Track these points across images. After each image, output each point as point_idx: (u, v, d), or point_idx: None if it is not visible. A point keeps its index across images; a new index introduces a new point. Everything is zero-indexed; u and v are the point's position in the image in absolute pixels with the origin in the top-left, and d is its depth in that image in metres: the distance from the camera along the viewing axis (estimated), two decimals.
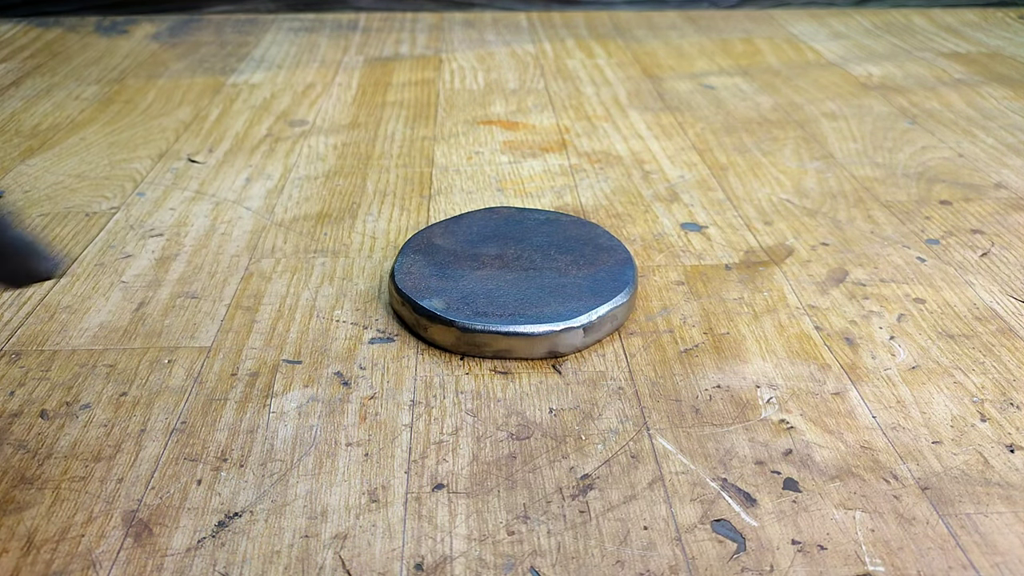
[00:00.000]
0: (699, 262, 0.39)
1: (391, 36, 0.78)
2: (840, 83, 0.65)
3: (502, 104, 0.60)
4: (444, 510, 0.25)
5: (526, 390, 0.31)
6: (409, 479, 0.27)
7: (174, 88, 0.63)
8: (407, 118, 0.57)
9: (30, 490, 0.26)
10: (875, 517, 0.25)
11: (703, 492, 0.26)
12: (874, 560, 0.24)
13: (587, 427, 0.29)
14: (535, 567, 0.23)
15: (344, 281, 0.38)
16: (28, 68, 0.67)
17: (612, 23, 0.83)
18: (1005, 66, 0.70)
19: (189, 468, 0.27)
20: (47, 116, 0.57)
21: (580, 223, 0.40)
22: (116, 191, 0.46)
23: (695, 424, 0.29)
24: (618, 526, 0.25)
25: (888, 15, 0.87)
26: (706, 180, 0.48)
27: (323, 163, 0.50)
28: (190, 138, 0.54)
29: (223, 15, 0.84)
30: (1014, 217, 0.44)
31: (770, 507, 0.25)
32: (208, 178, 0.48)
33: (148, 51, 0.72)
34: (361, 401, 0.30)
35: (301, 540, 0.24)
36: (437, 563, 0.24)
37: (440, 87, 0.64)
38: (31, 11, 0.81)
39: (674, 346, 0.33)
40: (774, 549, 0.24)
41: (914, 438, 0.28)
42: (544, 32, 0.80)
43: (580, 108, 0.60)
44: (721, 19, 0.84)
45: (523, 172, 0.49)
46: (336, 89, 0.63)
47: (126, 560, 0.23)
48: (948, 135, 0.55)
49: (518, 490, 0.26)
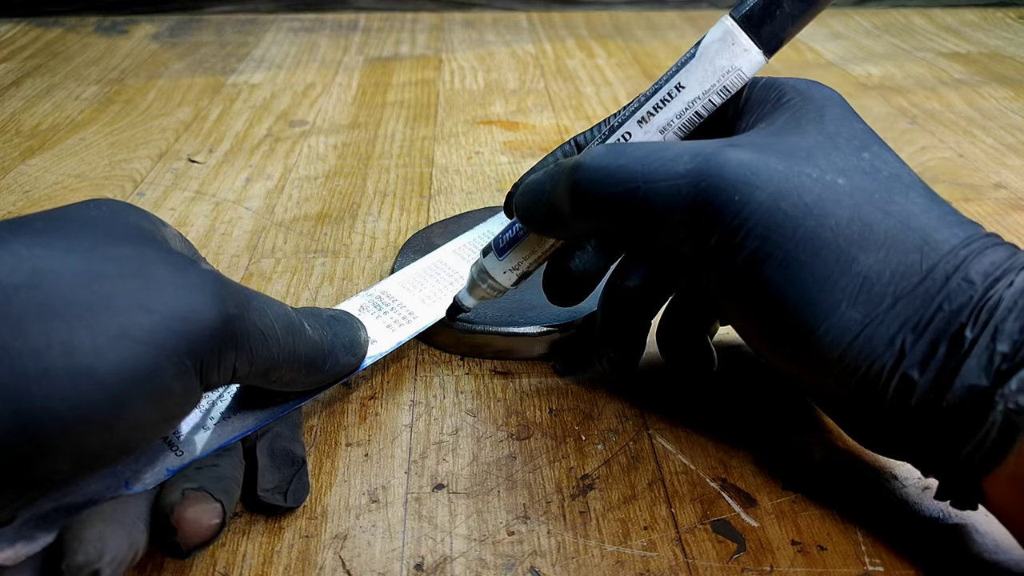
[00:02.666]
0: None
1: (391, 36, 0.78)
2: (839, 83, 0.65)
3: (502, 104, 0.60)
4: (444, 510, 0.25)
5: (526, 390, 0.31)
6: (409, 479, 0.27)
7: (174, 88, 0.63)
8: (407, 118, 0.57)
9: None
10: (875, 517, 0.25)
11: (703, 492, 0.26)
12: (874, 560, 0.24)
13: (587, 427, 0.29)
14: (535, 567, 0.23)
15: (344, 281, 0.38)
16: (28, 68, 0.67)
17: (612, 23, 0.83)
18: (1005, 66, 0.70)
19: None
20: (47, 116, 0.57)
21: None
22: (116, 191, 0.46)
23: (695, 424, 0.29)
24: (618, 526, 0.25)
25: (888, 15, 0.87)
26: None
27: (323, 163, 0.50)
28: (190, 138, 0.54)
29: (223, 15, 0.84)
30: (1013, 217, 0.44)
31: (770, 507, 0.25)
32: (208, 178, 0.48)
33: (148, 51, 0.72)
34: (361, 401, 0.30)
35: (301, 540, 0.24)
36: (437, 563, 0.24)
37: (440, 87, 0.64)
38: (31, 11, 0.81)
39: None
40: (774, 549, 0.24)
41: None
42: (544, 32, 0.80)
43: (580, 108, 0.60)
44: None
45: (523, 172, 0.49)
46: (336, 89, 0.63)
47: None
48: (948, 135, 0.55)
49: (518, 490, 0.26)
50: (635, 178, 0.23)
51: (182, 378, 0.19)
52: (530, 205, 0.26)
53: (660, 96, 0.25)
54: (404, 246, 0.37)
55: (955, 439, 0.20)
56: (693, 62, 0.25)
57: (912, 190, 0.22)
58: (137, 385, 0.18)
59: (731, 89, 0.25)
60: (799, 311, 0.22)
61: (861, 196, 0.22)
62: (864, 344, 0.21)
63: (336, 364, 0.26)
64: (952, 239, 0.21)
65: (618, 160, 0.24)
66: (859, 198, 0.22)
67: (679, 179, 0.22)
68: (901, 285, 0.21)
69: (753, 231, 0.22)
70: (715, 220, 0.22)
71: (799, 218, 0.21)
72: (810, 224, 0.21)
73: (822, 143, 0.23)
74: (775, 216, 0.21)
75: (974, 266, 0.21)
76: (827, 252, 0.21)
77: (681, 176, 0.22)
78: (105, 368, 0.17)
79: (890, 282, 0.21)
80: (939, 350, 0.20)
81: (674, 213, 0.23)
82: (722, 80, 0.24)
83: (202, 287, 0.20)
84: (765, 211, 0.22)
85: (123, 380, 0.18)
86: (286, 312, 0.23)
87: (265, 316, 0.22)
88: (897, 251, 0.21)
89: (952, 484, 0.22)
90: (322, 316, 0.26)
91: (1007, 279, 0.21)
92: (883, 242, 0.21)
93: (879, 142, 0.24)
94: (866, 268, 0.21)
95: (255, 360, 0.22)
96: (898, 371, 0.21)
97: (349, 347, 0.27)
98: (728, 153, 0.22)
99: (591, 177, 0.24)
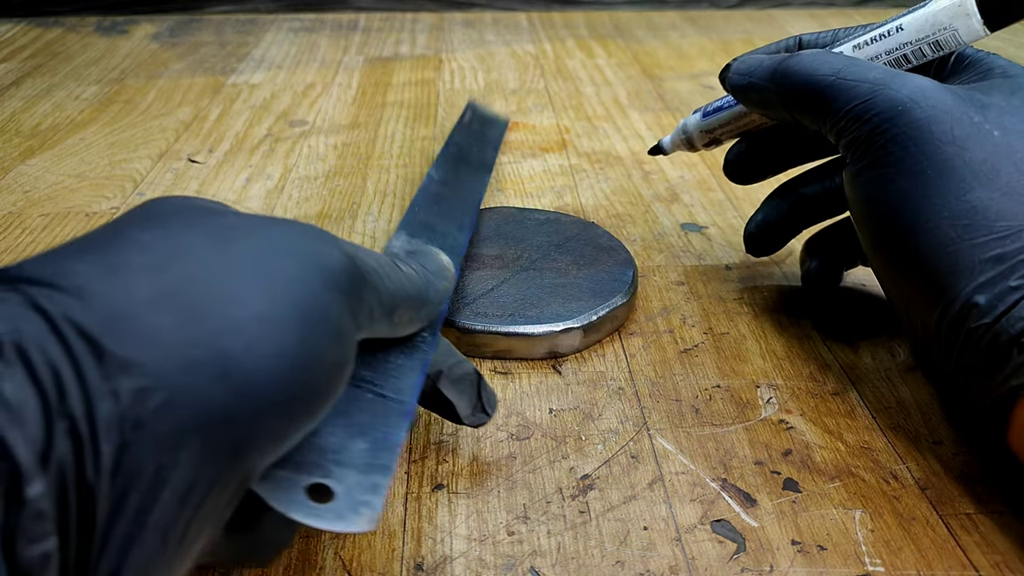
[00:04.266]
0: (699, 262, 0.39)
1: (391, 36, 0.78)
2: None
3: (502, 104, 0.60)
4: (444, 510, 0.25)
5: (526, 390, 0.31)
6: (409, 479, 0.27)
7: (174, 88, 0.63)
8: (407, 118, 0.57)
9: None
10: (875, 517, 0.25)
11: (703, 492, 0.26)
12: (874, 560, 0.24)
13: (587, 427, 0.29)
14: (535, 567, 0.23)
15: None
16: (28, 68, 0.67)
17: (612, 23, 0.83)
18: None
19: None
20: (47, 116, 0.57)
21: (580, 223, 0.40)
22: (116, 191, 0.46)
23: (695, 424, 0.29)
24: (618, 526, 0.25)
25: (888, 15, 0.87)
26: (706, 180, 0.48)
27: (323, 163, 0.50)
28: (190, 138, 0.54)
29: (223, 15, 0.84)
30: None
31: (770, 507, 0.25)
32: (208, 178, 0.48)
33: (148, 51, 0.72)
34: None
35: (301, 540, 0.24)
36: (437, 563, 0.24)
37: (440, 87, 0.64)
38: (31, 11, 0.81)
39: (674, 346, 0.33)
40: (774, 549, 0.24)
41: (914, 438, 0.28)
42: (544, 32, 0.80)
43: (580, 108, 0.60)
44: (721, 19, 0.84)
45: (523, 172, 0.49)
46: (336, 89, 0.63)
47: None
48: None
49: (518, 490, 0.26)
50: (834, 72, 0.28)
51: (343, 313, 0.19)
52: (744, 72, 0.31)
53: (880, 30, 0.29)
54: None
55: (999, 364, 0.23)
56: (920, 10, 0.28)
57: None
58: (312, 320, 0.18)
59: (943, 46, 0.28)
60: (911, 215, 0.25)
61: (1005, 149, 0.25)
62: (950, 259, 0.24)
63: (436, 291, 0.26)
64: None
65: (826, 58, 0.28)
66: (1002, 150, 0.25)
67: (866, 82, 0.27)
68: (1000, 224, 0.24)
69: (899, 138, 0.26)
70: (876, 119, 0.26)
71: (942, 143, 0.25)
72: (948, 151, 0.25)
73: (1001, 106, 0.26)
74: (923, 134, 0.25)
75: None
76: (952, 177, 0.25)
77: (869, 81, 0.27)
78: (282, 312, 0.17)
79: (993, 219, 0.24)
80: (1009, 283, 0.23)
81: (851, 104, 0.27)
82: (938, 34, 0.28)
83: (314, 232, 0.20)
84: (917, 127, 0.26)
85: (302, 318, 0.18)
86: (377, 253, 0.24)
87: (369, 255, 0.22)
88: (1011, 198, 0.24)
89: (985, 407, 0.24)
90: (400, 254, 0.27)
91: None
92: (1003, 187, 0.25)
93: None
94: (978, 200, 0.24)
95: (382, 296, 0.22)
96: (966, 290, 0.24)
97: (438, 272, 0.27)
98: (914, 78, 0.27)
99: (801, 64, 0.29)
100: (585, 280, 0.35)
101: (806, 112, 0.29)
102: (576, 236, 0.38)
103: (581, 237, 0.38)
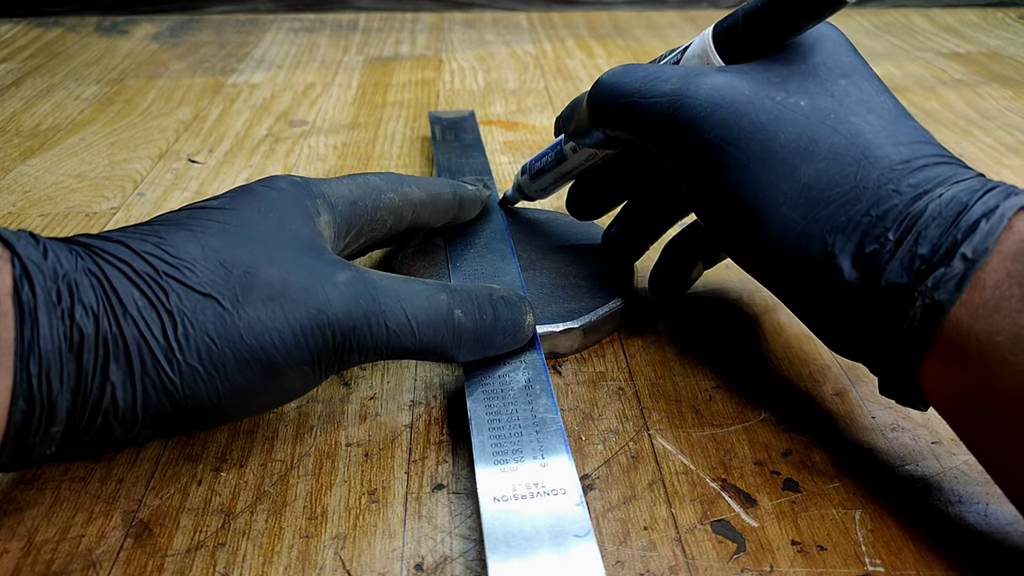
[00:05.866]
0: None
1: (391, 36, 0.78)
2: None
3: (502, 104, 0.60)
4: (444, 510, 0.25)
5: None
6: (409, 479, 0.27)
7: (174, 88, 0.63)
8: (407, 118, 0.57)
9: (30, 490, 0.26)
10: (875, 517, 0.25)
11: (703, 492, 0.26)
12: (874, 560, 0.24)
13: (587, 427, 0.29)
14: None
15: None
16: (28, 68, 0.67)
17: (612, 23, 0.83)
18: (1005, 66, 0.70)
19: (189, 468, 0.27)
20: (47, 116, 0.57)
21: (580, 223, 0.40)
22: (116, 191, 0.46)
23: (695, 424, 0.29)
24: (618, 526, 0.25)
25: (888, 15, 0.87)
26: None
27: (323, 163, 0.50)
28: (190, 138, 0.54)
29: (223, 15, 0.84)
30: None
31: (770, 507, 0.25)
32: (208, 178, 0.48)
33: (148, 51, 0.72)
34: (361, 401, 0.30)
35: (301, 540, 0.24)
36: (437, 563, 0.24)
37: (440, 87, 0.64)
38: (31, 11, 0.81)
39: (674, 346, 0.33)
40: (774, 549, 0.24)
41: (914, 438, 0.28)
42: (544, 32, 0.80)
43: None
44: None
45: None
46: (336, 89, 0.63)
47: (126, 560, 0.24)
48: (947, 135, 0.55)
49: None
50: (633, 94, 0.27)
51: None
52: (564, 115, 0.32)
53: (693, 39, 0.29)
54: (404, 245, 0.37)
55: (885, 333, 0.23)
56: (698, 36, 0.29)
57: (873, 114, 0.25)
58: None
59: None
60: (750, 212, 0.25)
61: (816, 115, 0.25)
62: (801, 242, 0.24)
63: (491, 346, 0.27)
64: (894, 156, 0.24)
65: (624, 78, 0.28)
66: (814, 117, 0.25)
67: (663, 96, 0.27)
68: (835, 192, 0.24)
69: (713, 143, 0.26)
70: (685, 133, 0.26)
71: (752, 133, 0.25)
72: (760, 138, 0.25)
73: (802, 70, 0.26)
74: (732, 131, 0.25)
75: (907, 180, 0.23)
76: (774, 162, 0.25)
77: (665, 95, 0.27)
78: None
79: (826, 189, 0.24)
80: (865, 250, 0.23)
81: (658, 124, 0.27)
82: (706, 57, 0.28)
83: (334, 285, 0.24)
84: (724, 127, 0.25)
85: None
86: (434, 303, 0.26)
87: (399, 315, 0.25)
88: (837, 163, 0.24)
89: (891, 378, 0.24)
90: (487, 297, 0.27)
91: (937, 192, 0.23)
92: (825, 155, 0.24)
93: (867, 75, 0.26)
94: (807, 176, 0.24)
95: (381, 351, 0.25)
96: (829, 267, 0.24)
97: (510, 330, 0.28)
98: (706, 77, 0.26)
99: (602, 90, 0.28)
100: (585, 280, 0.35)
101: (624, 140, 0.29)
102: (576, 236, 0.38)
103: (581, 237, 0.38)
